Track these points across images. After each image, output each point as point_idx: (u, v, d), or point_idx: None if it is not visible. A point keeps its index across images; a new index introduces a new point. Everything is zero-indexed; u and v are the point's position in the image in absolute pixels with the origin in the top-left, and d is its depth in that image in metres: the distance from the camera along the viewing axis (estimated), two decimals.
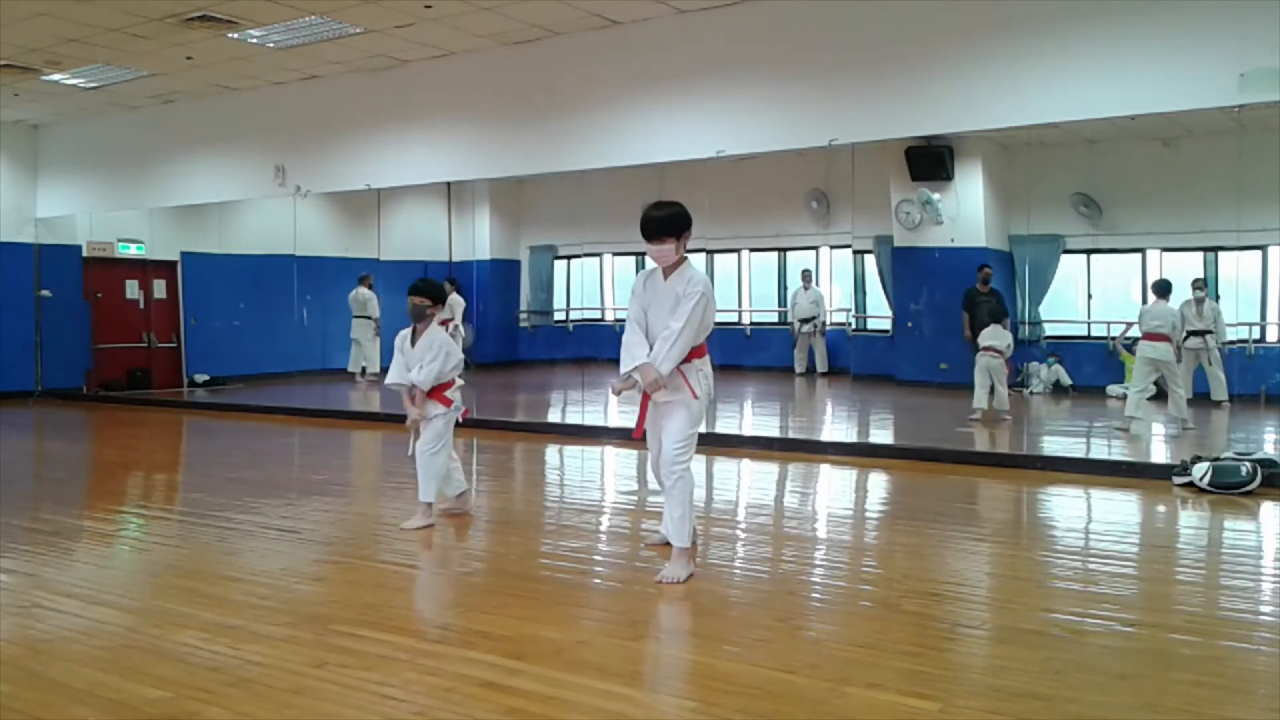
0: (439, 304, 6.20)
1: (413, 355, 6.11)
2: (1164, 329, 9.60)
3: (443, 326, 6.32)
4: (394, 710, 3.34)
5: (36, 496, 7.69)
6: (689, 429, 4.93)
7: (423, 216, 17.66)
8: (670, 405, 4.94)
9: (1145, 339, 9.73)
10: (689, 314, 4.78)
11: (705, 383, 4.97)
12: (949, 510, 6.84)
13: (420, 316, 6.12)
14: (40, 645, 4.03)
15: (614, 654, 3.93)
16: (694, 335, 4.85)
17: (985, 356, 10.64)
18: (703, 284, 4.87)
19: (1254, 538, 6.20)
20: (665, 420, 4.98)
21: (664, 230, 4.84)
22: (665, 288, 4.93)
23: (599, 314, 17.34)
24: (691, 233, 4.94)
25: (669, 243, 4.84)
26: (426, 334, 6.11)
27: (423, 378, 6.04)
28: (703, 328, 4.90)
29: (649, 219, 4.87)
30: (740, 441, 9.47)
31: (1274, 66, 6.90)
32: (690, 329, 4.81)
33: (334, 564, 5.39)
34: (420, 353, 6.08)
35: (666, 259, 4.89)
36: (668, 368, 4.81)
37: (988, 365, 10.60)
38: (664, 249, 4.85)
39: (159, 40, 10.15)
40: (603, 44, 9.88)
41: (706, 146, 9.40)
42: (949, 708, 3.31)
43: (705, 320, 4.89)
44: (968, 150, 13.07)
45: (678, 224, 4.87)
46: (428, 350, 6.07)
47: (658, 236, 4.85)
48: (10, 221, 14.33)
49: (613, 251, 17.16)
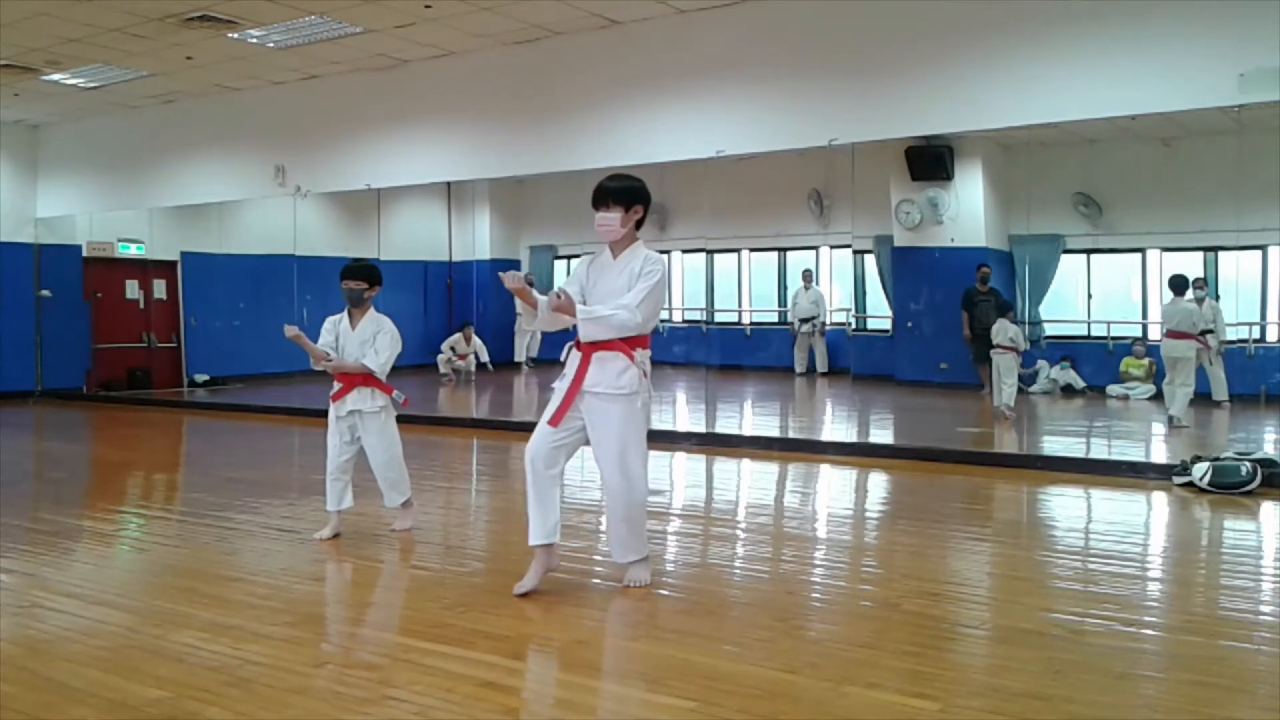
0: (375, 287, 5.82)
1: (353, 340, 5.72)
2: (1183, 326, 9.69)
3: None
4: (394, 710, 3.34)
5: (36, 496, 7.69)
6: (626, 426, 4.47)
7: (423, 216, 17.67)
8: (603, 400, 4.46)
9: (1168, 337, 9.84)
10: (648, 291, 4.41)
11: (644, 379, 4.53)
12: (949, 510, 6.84)
13: (358, 301, 5.75)
14: (40, 645, 4.03)
15: (614, 654, 3.93)
16: (648, 317, 4.45)
17: (997, 354, 10.67)
18: (662, 266, 4.52)
19: (1254, 538, 6.20)
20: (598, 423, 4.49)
21: (613, 197, 4.49)
22: (615, 266, 4.54)
23: None
24: (645, 215, 4.60)
25: (615, 210, 4.48)
26: (368, 317, 5.76)
27: (379, 364, 5.66)
28: (655, 315, 4.52)
29: (600, 185, 4.52)
30: (740, 441, 9.47)
31: (1274, 66, 6.90)
32: (648, 306, 4.42)
33: (334, 564, 5.39)
34: (366, 337, 5.70)
35: (611, 229, 4.50)
36: (591, 326, 4.39)
37: (997, 362, 10.64)
38: (609, 216, 4.48)
39: (159, 40, 10.15)
40: (603, 44, 9.88)
41: (706, 146, 9.40)
42: (949, 708, 3.31)
43: (658, 307, 4.54)
44: (968, 150, 13.07)
45: (631, 196, 4.52)
46: (379, 334, 5.70)
47: (605, 203, 4.50)
48: (10, 221, 14.32)
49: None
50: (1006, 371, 10.57)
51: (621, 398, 4.45)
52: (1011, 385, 10.56)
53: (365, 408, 5.74)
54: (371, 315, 5.79)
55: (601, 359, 4.46)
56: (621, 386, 4.43)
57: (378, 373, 5.70)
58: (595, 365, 4.47)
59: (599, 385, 4.46)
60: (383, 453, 5.80)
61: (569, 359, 4.61)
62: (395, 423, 5.90)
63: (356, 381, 5.74)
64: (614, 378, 4.44)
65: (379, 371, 5.70)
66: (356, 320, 5.79)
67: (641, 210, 4.57)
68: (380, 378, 5.73)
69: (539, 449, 4.52)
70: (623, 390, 4.43)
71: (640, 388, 4.46)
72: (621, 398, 4.45)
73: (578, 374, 4.49)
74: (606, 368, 4.45)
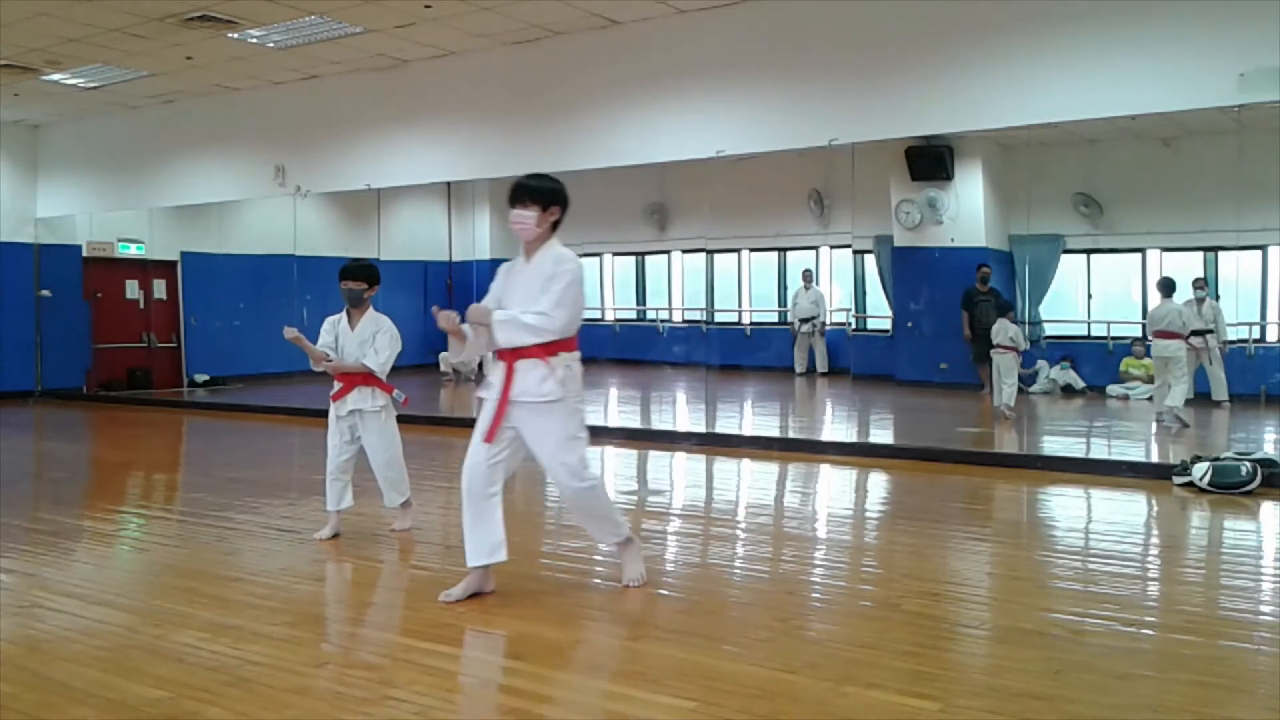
0: (374, 286, 5.78)
1: (352, 340, 5.70)
2: (1173, 326, 9.76)
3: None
4: (394, 710, 3.33)
5: (36, 496, 7.69)
6: (572, 437, 4.41)
7: (423, 216, 17.67)
8: (530, 410, 4.36)
9: (1156, 337, 9.90)
10: (562, 293, 4.28)
11: (574, 382, 4.41)
12: (949, 510, 6.83)
13: (357, 302, 5.72)
14: (40, 645, 4.03)
15: (614, 654, 3.93)
16: (568, 320, 4.32)
17: (997, 354, 10.68)
18: (576, 264, 4.38)
19: (1254, 538, 6.20)
20: (531, 432, 4.41)
21: (531, 196, 4.37)
22: (529, 268, 4.41)
23: (599, 314, 17.35)
24: (562, 218, 4.48)
25: (532, 209, 4.36)
26: (367, 317, 5.73)
27: (380, 364, 5.64)
28: (574, 316, 4.38)
29: (519, 182, 4.41)
30: (740, 441, 9.47)
31: (1274, 66, 6.90)
32: (565, 311, 4.29)
33: (334, 564, 5.39)
34: (366, 337, 5.68)
35: (526, 227, 4.37)
36: (505, 331, 4.30)
37: (998, 362, 10.64)
38: (525, 214, 4.36)
39: (159, 40, 10.15)
40: (603, 44, 9.88)
41: (706, 146, 9.40)
42: (949, 708, 3.31)
43: (577, 308, 4.38)
44: (968, 150, 13.07)
45: (550, 196, 4.41)
46: (378, 334, 5.68)
47: (522, 200, 4.37)
48: (10, 221, 14.32)
49: (613, 251, 17.17)
50: (1007, 371, 10.58)
51: (547, 405, 4.35)
52: (1012, 385, 10.57)
53: (366, 407, 5.74)
54: (371, 315, 5.77)
55: (523, 368, 4.36)
56: (545, 394, 4.33)
57: (378, 372, 5.69)
58: (519, 375, 4.37)
59: (524, 395, 4.35)
60: (383, 452, 5.79)
61: (493, 369, 4.50)
62: (396, 422, 5.89)
63: (357, 381, 5.73)
64: (536, 386, 4.33)
65: (379, 371, 5.69)
66: (355, 320, 5.78)
67: (559, 212, 4.46)
68: (380, 377, 5.73)
69: (475, 469, 4.44)
70: (547, 398, 4.33)
71: (565, 393, 4.35)
72: (547, 405, 4.35)
73: (504, 386, 4.38)
74: (529, 377, 4.34)
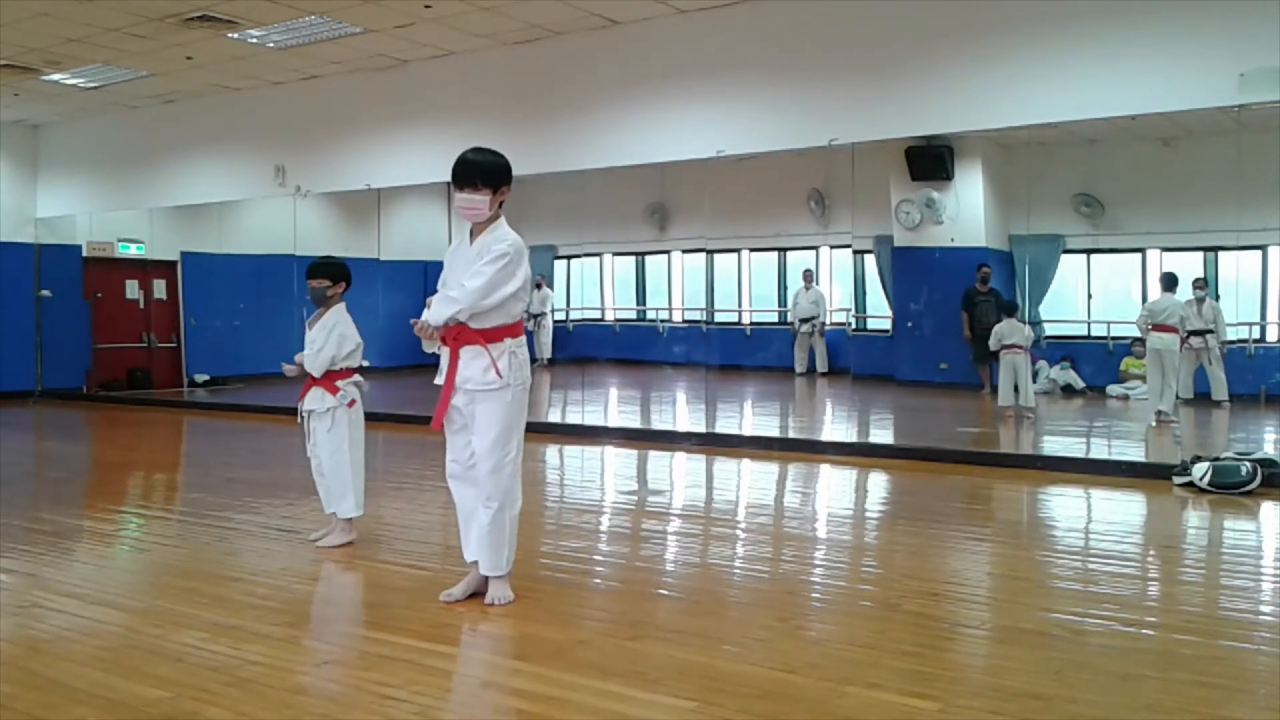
0: (340, 284, 5.65)
1: (309, 338, 5.60)
2: (1171, 320, 9.79)
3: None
4: (394, 710, 3.33)
5: (36, 496, 7.69)
6: (502, 423, 4.28)
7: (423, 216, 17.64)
8: (475, 397, 4.29)
9: (1154, 330, 9.92)
10: (489, 273, 4.15)
11: (520, 369, 4.32)
12: (949, 510, 6.84)
13: (321, 300, 5.60)
14: (40, 645, 4.03)
15: (614, 654, 3.93)
16: (488, 295, 4.18)
17: (1007, 354, 10.67)
18: (513, 244, 4.23)
19: (1254, 538, 6.20)
20: (475, 420, 4.33)
21: (483, 177, 4.20)
22: (474, 250, 4.27)
23: (599, 314, 17.35)
24: (509, 193, 4.32)
25: (484, 192, 4.20)
26: (324, 317, 5.60)
27: (316, 364, 5.52)
28: (513, 297, 4.25)
29: (465, 160, 4.22)
30: (740, 441, 9.47)
31: (1274, 66, 6.90)
32: (485, 288, 4.15)
33: (334, 564, 5.39)
34: (314, 335, 5.57)
35: (477, 212, 4.24)
36: (438, 316, 4.20)
37: (1011, 362, 10.64)
38: (475, 199, 4.21)
39: (159, 40, 10.15)
40: (603, 44, 9.88)
41: (706, 146, 9.40)
42: (949, 708, 3.31)
43: (511, 287, 4.22)
44: (968, 150, 13.06)
45: (499, 175, 4.25)
46: (320, 332, 5.55)
47: (473, 183, 4.19)
48: (10, 221, 14.33)
49: (613, 251, 17.15)
50: (1025, 371, 10.58)
51: (490, 393, 4.27)
52: (1029, 385, 10.60)
53: (316, 408, 5.63)
54: (330, 313, 5.62)
55: (466, 355, 4.29)
56: (489, 382, 4.26)
57: (312, 370, 5.56)
58: (462, 361, 4.30)
59: (468, 382, 4.29)
60: (327, 458, 5.63)
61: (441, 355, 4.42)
62: (354, 429, 5.67)
63: (312, 381, 5.65)
64: (479, 374, 4.27)
65: (314, 369, 5.55)
66: (318, 319, 5.68)
67: (507, 191, 4.32)
68: (315, 375, 5.57)
69: (453, 470, 4.47)
70: (490, 385, 4.26)
71: (509, 380, 4.27)
72: (490, 393, 4.27)
73: (449, 372, 4.32)
74: (473, 364, 4.28)
